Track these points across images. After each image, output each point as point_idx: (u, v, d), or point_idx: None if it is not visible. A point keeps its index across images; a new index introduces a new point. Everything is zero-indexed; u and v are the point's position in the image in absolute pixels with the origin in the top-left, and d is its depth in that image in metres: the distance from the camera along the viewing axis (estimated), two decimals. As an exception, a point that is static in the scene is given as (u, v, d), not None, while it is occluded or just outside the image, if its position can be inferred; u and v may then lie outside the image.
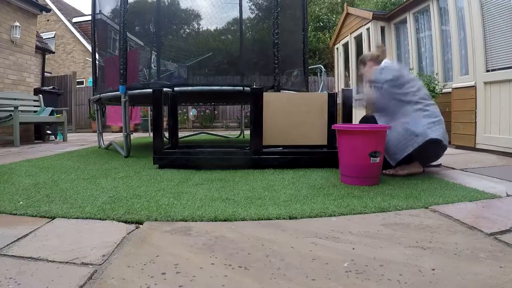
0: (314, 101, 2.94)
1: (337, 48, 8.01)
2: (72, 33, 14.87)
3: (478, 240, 1.22)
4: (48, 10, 7.35)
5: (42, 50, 9.74)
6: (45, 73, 10.40)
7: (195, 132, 7.26)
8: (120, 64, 3.40)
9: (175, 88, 3.38)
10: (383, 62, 2.58)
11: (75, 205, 1.68)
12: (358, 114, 6.29)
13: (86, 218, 1.50)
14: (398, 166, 2.39)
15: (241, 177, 2.37)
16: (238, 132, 7.12)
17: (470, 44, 3.69)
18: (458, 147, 3.92)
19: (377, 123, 2.44)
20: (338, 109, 2.98)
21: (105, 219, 1.49)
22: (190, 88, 3.55)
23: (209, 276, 0.98)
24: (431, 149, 2.34)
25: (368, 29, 6.32)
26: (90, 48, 11.67)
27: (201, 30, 6.11)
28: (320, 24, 14.34)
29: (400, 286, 0.91)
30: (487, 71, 3.52)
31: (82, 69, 14.36)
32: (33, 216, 1.54)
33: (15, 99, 5.54)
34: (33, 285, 0.93)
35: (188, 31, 6.37)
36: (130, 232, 1.34)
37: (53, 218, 1.52)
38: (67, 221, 1.48)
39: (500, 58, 3.39)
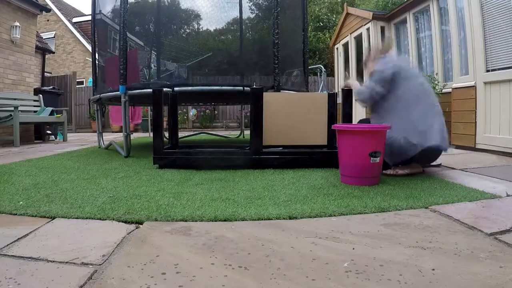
0: (314, 101, 2.94)
1: (337, 48, 8.01)
2: (72, 33, 14.88)
3: (478, 240, 1.22)
4: (48, 10, 7.35)
5: (42, 50, 9.74)
6: (45, 73, 10.40)
7: (195, 132, 7.26)
8: (120, 64, 3.40)
9: (175, 88, 3.38)
10: (387, 55, 2.50)
11: (75, 205, 1.68)
12: (358, 114, 6.30)
13: (86, 218, 1.50)
14: (398, 166, 2.39)
15: (241, 177, 2.37)
16: (238, 132, 7.12)
17: (470, 44, 3.69)
18: (458, 147, 3.92)
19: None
20: (338, 109, 2.98)
21: (105, 219, 1.49)
22: (190, 88, 3.55)
23: (209, 276, 0.98)
24: (429, 154, 2.36)
25: (368, 29, 6.32)
26: (90, 48, 11.66)
27: (201, 30, 6.11)
28: (320, 24, 14.34)
29: (400, 286, 0.91)
30: (487, 71, 3.52)
31: (82, 69, 14.36)
32: (33, 216, 1.54)
33: (15, 99, 5.54)
34: (33, 285, 0.93)
35: (188, 31, 6.38)
36: (130, 232, 1.34)
37: (53, 218, 1.52)
38: (67, 221, 1.48)
39: (500, 58, 3.39)
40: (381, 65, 2.41)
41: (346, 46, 7.52)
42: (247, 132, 5.93)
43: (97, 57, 4.63)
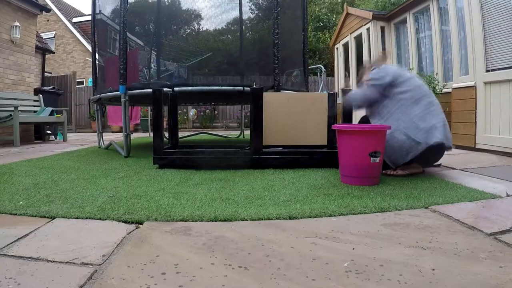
0: (314, 101, 2.94)
1: (337, 48, 8.01)
2: (72, 33, 14.88)
3: (478, 240, 1.22)
4: (48, 10, 7.35)
5: (42, 50, 9.74)
6: (45, 73, 10.40)
7: (195, 132, 7.26)
8: (120, 64, 3.40)
9: (175, 88, 3.38)
10: (383, 65, 2.57)
11: (75, 205, 1.68)
12: (358, 114, 6.30)
13: (86, 218, 1.50)
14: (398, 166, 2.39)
15: (241, 177, 2.37)
16: (238, 132, 7.12)
17: (470, 44, 3.69)
18: (458, 147, 3.92)
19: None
20: (338, 109, 2.98)
21: (105, 219, 1.49)
22: (190, 88, 3.55)
23: (209, 276, 0.98)
24: (432, 153, 2.33)
25: (368, 29, 6.32)
26: (90, 48, 11.67)
27: (201, 30, 6.11)
28: (320, 24, 14.34)
29: (400, 286, 0.91)
30: (487, 71, 3.52)
31: (82, 69, 14.37)
32: (33, 216, 1.54)
33: (15, 99, 5.54)
34: (33, 285, 0.93)
35: (188, 31, 6.38)
36: (130, 232, 1.34)
37: (53, 218, 1.52)
38: (67, 221, 1.48)
39: (500, 58, 3.39)
40: (377, 73, 2.46)
41: (346, 46, 7.52)
42: (247, 132, 5.93)
43: (97, 57, 4.63)
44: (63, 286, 0.92)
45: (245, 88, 3.35)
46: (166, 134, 3.52)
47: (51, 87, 7.62)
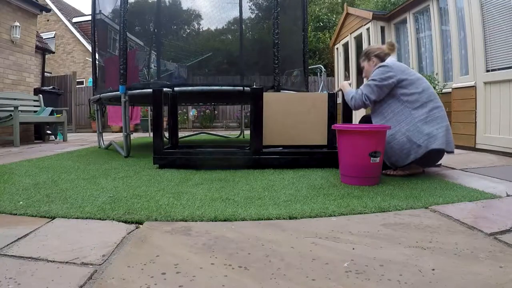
0: (314, 101, 2.94)
1: (337, 48, 8.01)
2: (72, 33, 14.88)
3: (478, 240, 1.22)
4: (48, 10, 7.35)
5: (42, 50, 9.75)
6: (45, 73, 10.41)
7: (195, 132, 7.26)
8: (120, 64, 3.40)
9: (175, 88, 3.38)
10: (388, 60, 2.45)
11: (75, 205, 1.68)
12: (358, 114, 6.30)
13: (86, 218, 1.50)
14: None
15: (241, 177, 2.37)
16: (238, 132, 7.12)
17: (470, 44, 3.69)
18: (458, 147, 3.91)
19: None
20: (338, 109, 2.98)
21: (105, 219, 1.49)
22: (190, 88, 3.55)
23: (209, 276, 0.98)
24: (432, 156, 2.31)
25: (368, 29, 6.32)
26: (90, 48, 11.67)
27: (201, 30, 6.12)
28: (320, 24, 14.34)
29: (400, 286, 0.91)
30: (487, 71, 3.52)
31: (82, 69, 14.37)
32: (33, 216, 1.54)
33: (15, 99, 5.54)
34: (33, 285, 0.93)
35: (188, 31, 6.38)
36: (130, 232, 1.34)
37: (53, 218, 1.52)
38: (67, 221, 1.48)
39: (500, 58, 3.39)
40: (380, 74, 2.34)
41: (346, 46, 7.52)
42: (247, 132, 5.93)
43: (97, 57, 4.63)
44: (63, 286, 0.93)
45: (245, 88, 3.35)
46: (166, 134, 3.52)
47: (51, 87, 7.62)
